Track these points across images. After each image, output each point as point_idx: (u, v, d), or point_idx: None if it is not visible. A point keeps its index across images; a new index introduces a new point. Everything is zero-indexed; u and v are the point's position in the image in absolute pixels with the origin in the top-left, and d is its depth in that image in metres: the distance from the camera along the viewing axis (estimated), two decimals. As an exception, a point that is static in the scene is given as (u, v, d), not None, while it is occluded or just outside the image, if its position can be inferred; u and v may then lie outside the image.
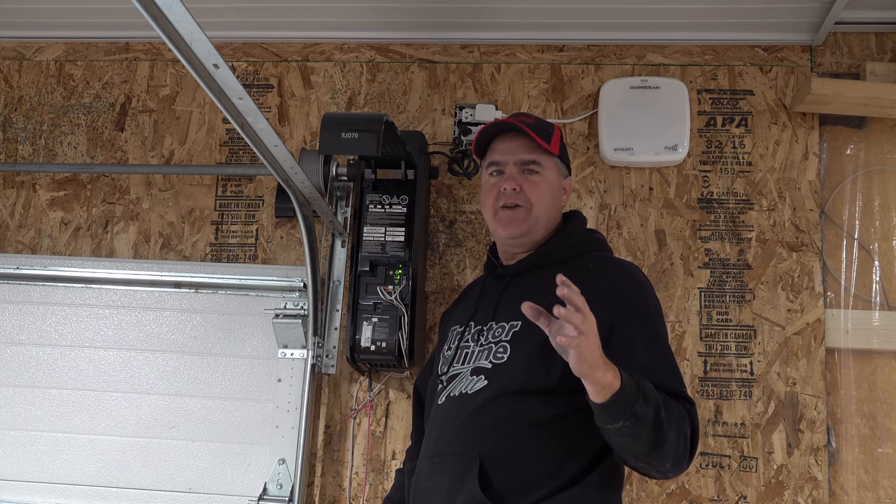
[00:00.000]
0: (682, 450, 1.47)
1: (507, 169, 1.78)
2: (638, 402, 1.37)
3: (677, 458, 1.47)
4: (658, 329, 1.61)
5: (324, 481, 2.41)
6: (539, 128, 1.79)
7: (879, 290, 2.40)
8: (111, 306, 2.53)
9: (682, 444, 1.46)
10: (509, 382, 1.59)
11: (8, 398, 2.48)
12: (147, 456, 2.41)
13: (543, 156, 1.78)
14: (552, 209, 1.79)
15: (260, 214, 2.61)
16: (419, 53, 2.67)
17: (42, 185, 2.71)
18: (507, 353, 1.62)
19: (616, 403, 1.37)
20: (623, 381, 1.37)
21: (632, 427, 1.38)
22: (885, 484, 2.29)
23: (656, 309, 1.65)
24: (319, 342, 2.41)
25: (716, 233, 2.46)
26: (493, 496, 1.50)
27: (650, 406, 1.39)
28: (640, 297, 1.64)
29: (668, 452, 1.44)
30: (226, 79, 1.52)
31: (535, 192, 1.75)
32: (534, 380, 1.56)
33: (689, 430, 1.48)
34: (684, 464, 1.50)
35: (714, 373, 2.37)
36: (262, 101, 2.68)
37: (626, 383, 1.37)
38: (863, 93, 2.38)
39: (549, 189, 1.77)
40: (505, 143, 1.81)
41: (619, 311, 1.57)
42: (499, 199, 1.76)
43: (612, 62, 2.60)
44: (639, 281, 1.68)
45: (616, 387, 1.36)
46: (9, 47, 2.82)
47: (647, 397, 1.39)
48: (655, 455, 1.44)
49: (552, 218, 1.79)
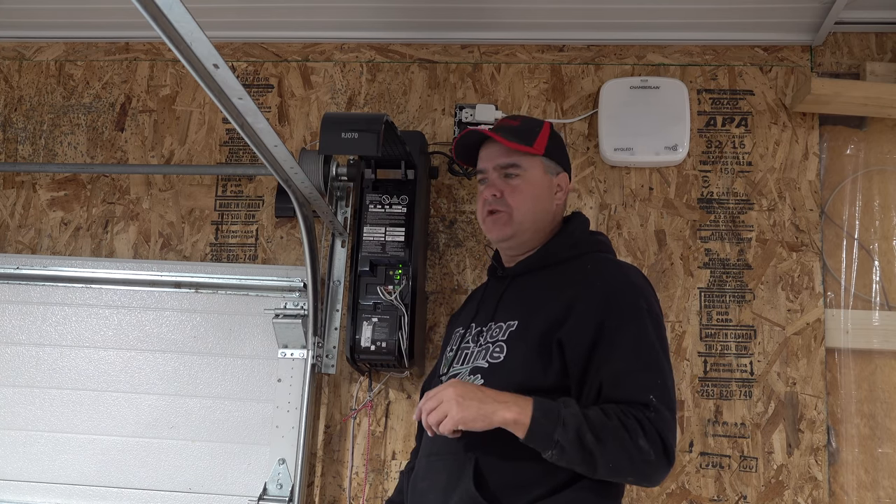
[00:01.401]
0: (641, 462, 1.44)
1: (489, 175, 1.80)
2: (556, 430, 1.41)
3: (636, 471, 1.46)
4: (645, 333, 1.57)
5: (324, 481, 2.41)
6: (520, 130, 1.79)
7: (879, 290, 2.40)
8: (111, 306, 2.53)
9: (635, 457, 1.44)
10: (505, 381, 1.59)
11: (8, 398, 2.48)
12: (147, 456, 2.41)
13: (523, 157, 1.78)
14: (538, 209, 1.78)
15: (260, 214, 2.61)
16: (419, 53, 2.67)
17: (42, 185, 2.71)
18: (504, 352, 1.62)
19: (534, 437, 1.43)
20: (533, 415, 1.42)
21: (560, 455, 1.43)
22: (885, 484, 2.29)
23: (650, 312, 1.61)
24: (319, 342, 2.41)
25: (716, 233, 2.46)
26: (487, 495, 1.50)
27: (568, 432, 1.42)
28: (634, 299, 1.61)
29: (619, 468, 1.44)
30: (226, 79, 1.52)
31: (514, 195, 1.75)
32: (530, 379, 1.56)
33: (644, 441, 1.44)
34: (654, 474, 1.48)
35: (714, 373, 2.37)
36: (262, 101, 2.68)
37: (537, 416, 1.42)
38: (863, 93, 2.38)
39: (531, 189, 1.77)
40: (485, 150, 1.83)
41: (609, 312, 1.56)
42: (484, 205, 1.79)
43: (612, 62, 2.60)
44: (634, 283, 1.66)
45: (526, 422, 1.42)
46: (9, 47, 2.82)
47: (565, 424, 1.42)
48: (605, 472, 1.45)
49: (541, 218, 1.78)
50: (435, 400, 1.48)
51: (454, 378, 1.70)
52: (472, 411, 1.44)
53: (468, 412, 1.44)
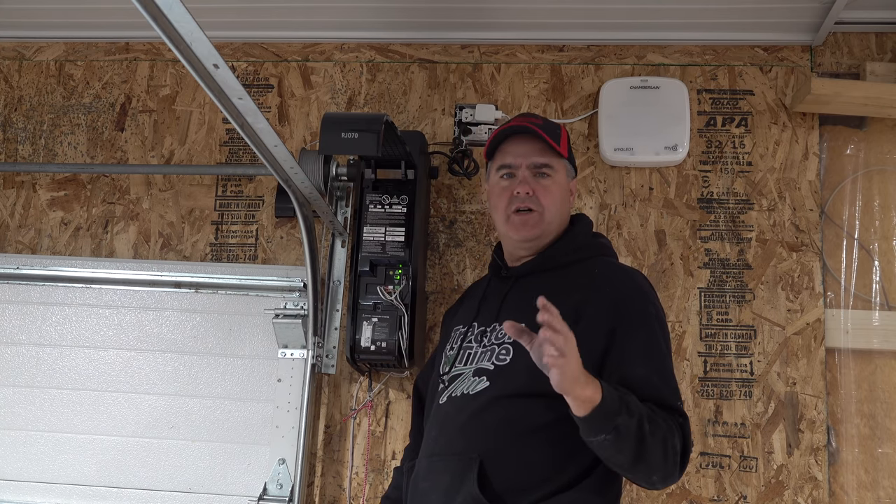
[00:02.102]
0: (671, 464, 1.47)
1: (520, 172, 1.75)
2: (620, 415, 1.39)
3: (665, 471, 1.48)
4: (658, 339, 1.60)
5: (324, 481, 2.41)
6: (549, 129, 1.78)
7: (879, 290, 2.40)
8: (111, 306, 2.53)
9: (669, 457, 1.46)
10: (511, 384, 1.59)
11: (8, 398, 2.48)
12: (147, 456, 2.41)
13: (555, 158, 1.77)
14: (562, 212, 1.79)
15: (260, 214, 2.61)
16: (419, 53, 2.67)
17: (42, 185, 2.71)
18: (510, 355, 1.62)
19: (597, 417, 1.38)
20: (604, 395, 1.38)
21: (614, 440, 1.40)
22: (885, 484, 2.29)
23: (658, 318, 1.63)
24: (319, 342, 2.41)
25: (716, 233, 2.46)
26: (491, 497, 1.50)
27: (633, 419, 1.40)
28: (643, 305, 1.63)
29: (653, 465, 1.45)
30: (226, 79, 1.52)
31: (547, 196, 1.73)
32: (535, 383, 1.56)
33: (679, 444, 1.48)
34: (673, 477, 1.50)
35: (714, 373, 2.37)
36: (262, 101, 2.68)
37: (607, 397, 1.39)
38: (863, 93, 2.38)
39: (559, 192, 1.77)
40: (516, 146, 1.78)
41: (620, 318, 1.57)
42: (511, 202, 1.74)
43: (612, 62, 2.60)
44: (643, 289, 1.67)
45: (597, 401, 1.38)
46: (9, 47, 2.82)
47: (630, 410, 1.41)
48: (640, 467, 1.45)
49: (562, 221, 1.79)
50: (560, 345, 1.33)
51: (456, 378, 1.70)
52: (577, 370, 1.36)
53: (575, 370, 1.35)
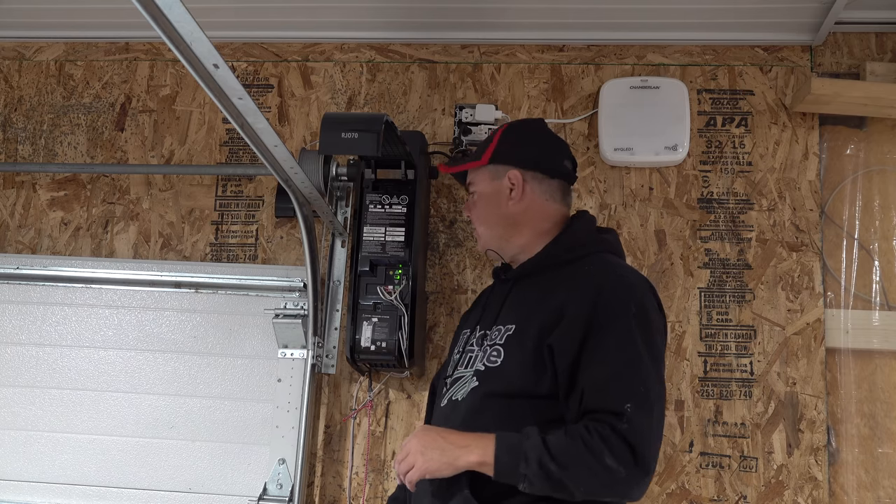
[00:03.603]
0: (612, 481, 1.43)
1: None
2: (520, 464, 1.43)
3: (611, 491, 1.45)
4: (632, 338, 1.52)
5: (324, 481, 2.41)
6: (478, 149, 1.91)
7: (879, 290, 2.40)
8: (111, 306, 2.53)
9: (605, 477, 1.42)
10: (499, 385, 1.59)
11: (8, 398, 2.48)
12: (147, 456, 2.41)
13: (475, 174, 1.89)
14: (494, 217, 1.83)
15: (260, 214, 2.61)
16: (419, 53, 2.67)
17: (42, 185, 2.71)
18: (501, 356, 1.62)
19: (502, 475, 1.45)
20: (496, 455, 1.45)
21: (531, 486, 1.44)
22: (885, 484, 2.29)
23: (639, 317, 1.55)
24: (319, 342, 2.41)
25: (716, 233, 2.46)
26: (483, 500, 1.51)
27: (531, 464, 1.43)
28: (624, 304, 1.56)
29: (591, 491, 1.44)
30: (226, 79, 1.52)
31: (473, 212, 1.88)
32: (524, 384, 1.56)
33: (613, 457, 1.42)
34: (630, 490, 1.46)
35: (714, 373, 2.37)
36: (262, 101, 2.68)
37: (500, 455, 1.45)
38: (863, 93, 2.38)
39: (482, 201, 1.86)
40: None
41: (597, 317, 1.54)
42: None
43: (612, 62, 2.60)
44: (624, 283, 1.61)
45: (490, 462, 1.45)
46: (9, 47, 2.82)
47: (527, 457, 1.43)
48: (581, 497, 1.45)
49: (502, 223, 1.81)
50: (403, 452, 1.54)
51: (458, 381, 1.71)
52: (436, 462, 1.49)
53: (431, 463, 1.49)
